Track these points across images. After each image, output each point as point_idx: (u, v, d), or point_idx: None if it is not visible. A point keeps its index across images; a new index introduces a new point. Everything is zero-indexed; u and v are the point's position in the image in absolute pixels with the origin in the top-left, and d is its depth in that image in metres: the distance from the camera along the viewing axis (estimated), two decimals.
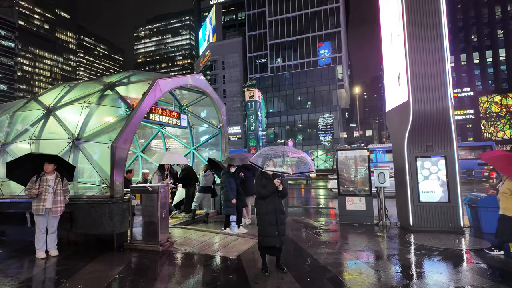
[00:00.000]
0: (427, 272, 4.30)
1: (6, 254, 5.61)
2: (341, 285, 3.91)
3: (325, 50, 49.85)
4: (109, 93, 7.17)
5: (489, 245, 5.44)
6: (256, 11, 55.31)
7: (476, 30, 51.35)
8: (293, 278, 4.11)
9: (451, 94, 6.37)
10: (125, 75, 8.07)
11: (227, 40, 61.09)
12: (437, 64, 6.32)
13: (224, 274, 4.47)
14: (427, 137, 6.57)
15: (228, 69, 58.30)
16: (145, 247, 5.64)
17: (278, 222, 4.22)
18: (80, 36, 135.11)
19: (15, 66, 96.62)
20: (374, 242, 5.95)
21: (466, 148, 22.58)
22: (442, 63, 6.30)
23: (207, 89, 9.31)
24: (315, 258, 4.97)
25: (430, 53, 6.36)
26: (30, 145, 7.05)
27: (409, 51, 6.45)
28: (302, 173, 4.68)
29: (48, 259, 5.22)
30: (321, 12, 50.05)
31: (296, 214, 9.51)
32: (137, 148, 11.49)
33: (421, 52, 6.40)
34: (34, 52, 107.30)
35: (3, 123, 8.05)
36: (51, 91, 8.53)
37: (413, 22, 6.48)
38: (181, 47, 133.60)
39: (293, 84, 48.63)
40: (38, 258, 5.23)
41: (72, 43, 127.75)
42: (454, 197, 6.42)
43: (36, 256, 5.27)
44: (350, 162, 7.74)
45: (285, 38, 52.38)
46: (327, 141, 45.32)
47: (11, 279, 4.34)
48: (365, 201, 7.43)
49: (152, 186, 5.80)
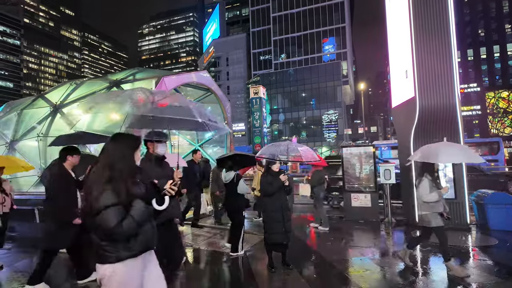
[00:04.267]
0: (433, 269, 4.29)
1: (16, 250, 5.71)
2: (346, 281, 3.92)
3: (329, 46, 49.53)
4: (115, 90, 7.22)
5: (497, 242, 5.40)
6: (260, 7, 55.03)
7: (484, 25, 50.51)
8: (299, 274, 4.13)
9: (458, 90, 6.30)
10: (130, 72, 8.11)
11: (231, 37, 60.94)
12: (444, 59, 6.24)
13: (230, 270, 4.50)
14: (434, 133, 6.51)
15: (232, 65, 58.21)
16: None
17: (284, 219, 4.23)
18: (84, 34, 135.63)
19: (21, 64, 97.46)
20: (380, 238, 5.95)
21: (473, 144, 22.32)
22: (449, 59, 6.23)
23: (212, 86, 9.33)
24: (321, 255, 4.98)
25: (437, 48, 6.28)
26: (38, 142, 7.14)
27: (416, 46, 6.38)
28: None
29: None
30: (326, 7, 49.64)
31: (301, 210, 9.52)
32: None
33: (427, 47, 6.33)
34: (40, 50, 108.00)
35: (11, 121, 8.16)
36: (57, 89, 8.62)
37: (420, 17, 6.41)
38: (185, 44, 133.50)
39: (298, 81, 48.45)
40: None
41: (76, 41, 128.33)
42: (460, 194, 6.38)
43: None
44: (355, 159, 7.71)
45: (289, 34, 52.11)
46: (332, 138, 45.19)
47: (22, 275, 4.42)
48: (371, 197, 7.41)
49: None
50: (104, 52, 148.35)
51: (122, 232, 1.76)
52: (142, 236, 1.90)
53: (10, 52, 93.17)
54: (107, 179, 1.82)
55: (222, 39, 60.95)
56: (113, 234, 1.75)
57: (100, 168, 1.88)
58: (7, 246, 5.95)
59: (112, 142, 1.98)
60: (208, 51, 65.21)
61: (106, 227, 1.72)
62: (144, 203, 1.89)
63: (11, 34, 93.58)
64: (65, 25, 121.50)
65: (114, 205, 1.77)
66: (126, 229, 1.77)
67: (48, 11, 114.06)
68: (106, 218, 1.73)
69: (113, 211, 1.75)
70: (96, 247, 1.84)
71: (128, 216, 1.79)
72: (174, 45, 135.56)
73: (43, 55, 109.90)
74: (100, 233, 1.80)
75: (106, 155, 1.92)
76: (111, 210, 1.74)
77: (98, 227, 1.78)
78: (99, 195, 1.76)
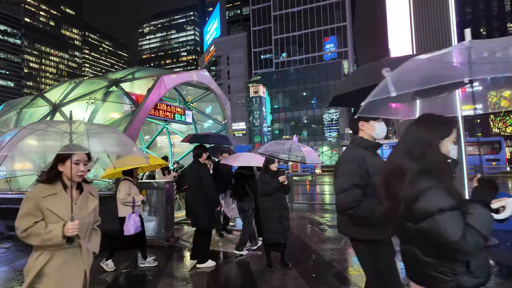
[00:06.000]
0: None
1: (15, 249, 5.71)
2: (346, 281, 3.90)
3: (330, 44, 49.41)
4: (114, 89, 7.21)
5: (497, 241, 5.37)
6: (261, 6, 54.92)
7: (486, 24, 50.37)
8: (298, 274, 4.11)
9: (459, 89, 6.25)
10: (129, 71, 8.09)
11: (232, 36, 60.86)
12: None
13: (229, 269, 4.49)
14: None
15: (232, 64, 58.14)
16: (150, 242, 5.68)
17: (283, 219, 4.21)
18: (85, 33, 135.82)
19: (22, 63, 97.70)
20: None
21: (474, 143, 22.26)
22: None
23: (212, 85, 9.30)
24: (320, 254, 4.96)
25: (437, 46, 6.25)
26: None
27: (416, 45, 6.35)
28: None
29: None
30: (327, 6, 49.51)
31: (301, 210, 9.50)
32: (142, 144, 11.56)
33: (428, 45, 6.29)
34: (40, 49, 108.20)
35: (11, 120, 8.15)
36: (57, 88, 8.61)
37: (421, 15, 6.37)
38: (186, 43, 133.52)
39: (298, 80, 48.38)
40: None
41: (77, 40, 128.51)
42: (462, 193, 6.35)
43: None
44: None
45: (290, 33, 52.00)
46: (333, 137, 45.12)
47: (20, 273, 4.41)
48: None
49: (157, 182, 5.83)
50: (105, 51, 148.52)
51: (467, 250, 1.24)
52: (483, 257, 1.35)
53: (11, 51, 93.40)
54: (422, 171, 1.35)
55: (223, 38, 60.88)
56: (456, 250, 1.25)
57: (403, 158, 1.43)
58: (6, 245, 5.96)
59: (417, 125, 1.50)
60: (209, 50, 65.15)
61: (446, 239, 1.24)
62: (486, 208, 1.31)
63: (12, 33, 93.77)
64: (65, 24, 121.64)
65: (453, 209, 1.27)
66: (472, 246, 1.23)
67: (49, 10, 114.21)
68: (444, 227, 1.24)
69: (452, 217, 1.25)
70: (418, 265, 1.38)
71: (468, 227, 1.25)
72: (174, 44, 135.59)
73: (44, 54, 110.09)
74: (427, 246, 1.34)
75: (407, 141, 1.48)
76: (449, 216, 1.25)
77: (425, 238, 1.31)
78: (422, 192, 1.30)
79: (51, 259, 1.83)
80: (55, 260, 1.84)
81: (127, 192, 4.44)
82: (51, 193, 1.85)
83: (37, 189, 1.88)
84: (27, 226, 1.77)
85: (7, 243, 6.13)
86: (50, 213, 1.82)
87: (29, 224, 1.77)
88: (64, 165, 1.89)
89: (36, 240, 1.78)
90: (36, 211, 1.81)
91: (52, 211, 1.82)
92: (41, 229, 1.77)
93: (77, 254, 1.92)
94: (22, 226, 1.77)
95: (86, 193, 2.02)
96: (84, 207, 1.96)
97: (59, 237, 1.77)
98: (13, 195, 6.96)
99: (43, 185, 1.90)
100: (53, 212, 1.82)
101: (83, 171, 1.93)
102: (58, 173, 1.91)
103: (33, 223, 1.78)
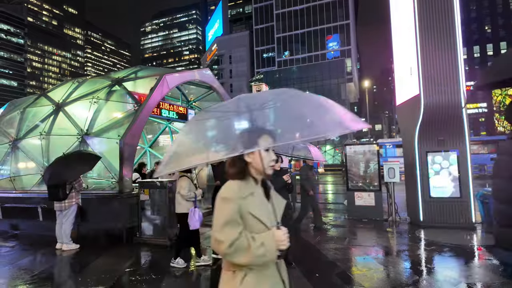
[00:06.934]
0: (438, 268, 4.24)
1: (20, 248, 5.74)
2: (349, 280, 3.88)
3: (333, 43, 49.21)
4: (117, 88, 7.21)
5: None
6: (263, 4, 54.77)
7: (490, 21, 49.86)
8: (301, 273, 4.10)
9: (463, 87, 6.20)
10: (132, 70, 8.10)
11: (234, 34, 60.76)
12: (449, 56, 6.15)
13: None
14: (439, 131, 6.42)
15: (235, 63, 58.09)
16: (154, 242, 5.69)
17: (286, 218, 4.19)
18: (87, 32, 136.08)
19: (25, 62, 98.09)
20: (384, 237, 5.89)
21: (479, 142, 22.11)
22: (455, 56, 6.13)
23: (214, 84, 9.29)
24: (323, 254, 4.94)
25: (442, 44, 6.19)
26: (41, 141, 7.15)
27: (420, 43, 6.28)
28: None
29: (61, 253, 5.33)
30: (330, 4, 49.28)
31: None
32: (145, 143, 11.57)
33: (432, 43, 6.23)
34: (43, 49, 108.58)
35: (14, 119, 8.18)
36: (60, 87, 8.62)
37: (425, 12, 6.30)
38: (188, 41, 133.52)
39: (301, 78, 48.24)
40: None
41: (80, 39, 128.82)
42: (466, 193, 6.30)
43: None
44: (359, 157, 7.65)
45: (292, 31, 51.83)
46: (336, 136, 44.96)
47: (25, 272, 4.44)
48: (374, 196, 7.35)
49: (161, 181, 5.84)
50: (107, 50, 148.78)
51: None
52: None
53: (14, 50, 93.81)
54: None
55: (225, 37, 60.80)
56: None
57: None
58: (11, 244, 5.99)
59: None
60: (211, 49, 65.12)
61: None
62: None
63: (15, 33, 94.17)
64: (68, 24, 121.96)
65: None
66: None
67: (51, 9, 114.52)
68: None
69: None
70: None
71: None
72: (176, 43, 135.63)
73: (47, 53, 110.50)
74: None
75: None
76: None
77: None
78: None
79: (258, 284, 1.34)
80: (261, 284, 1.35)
81: (189, 188, 4.45)
82: (249, 193, 1.39)
83: (234, 187, 1.39)
84: (234, 238, 1.29)
85: (12, 242, 6.17)
86: (254, 220, 1.34)
87: (235, 236, 1.29)
88: (253, 154, 1.40)
89: (244, 258, 1.29)
90: (239, 217, 1.33)
91: (255, 217, 1.34)
92: (249, 242, 1.29)
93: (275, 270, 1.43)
94: (228, 239, 1.28)
95: (271, 190, 1.56)
96: (278, 209, 1.50)
97: (273, 253, 1.31)
98: (17, 194, 7.00)
99: (238, 183, 1.40)
100: (256, 217, 1.35)
101: (274, 160, 1.49)
102: (246, 165, 1.43)
103: (238, 233, 1.30)
